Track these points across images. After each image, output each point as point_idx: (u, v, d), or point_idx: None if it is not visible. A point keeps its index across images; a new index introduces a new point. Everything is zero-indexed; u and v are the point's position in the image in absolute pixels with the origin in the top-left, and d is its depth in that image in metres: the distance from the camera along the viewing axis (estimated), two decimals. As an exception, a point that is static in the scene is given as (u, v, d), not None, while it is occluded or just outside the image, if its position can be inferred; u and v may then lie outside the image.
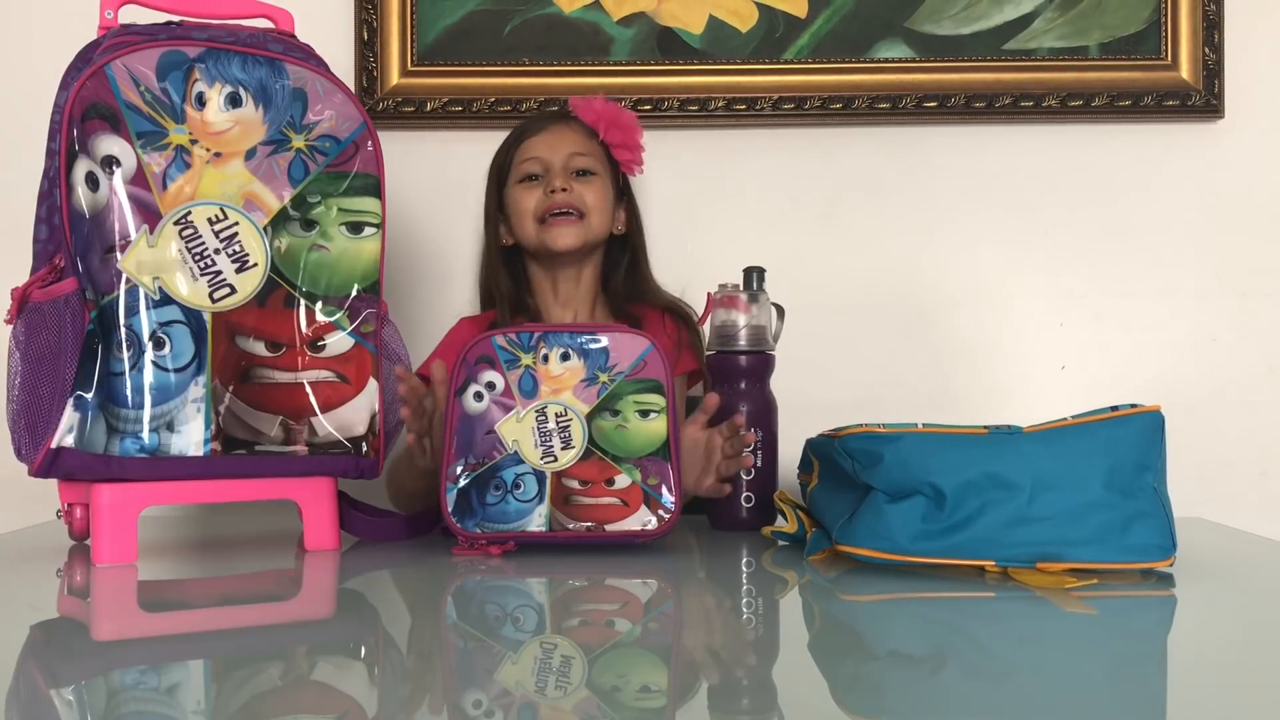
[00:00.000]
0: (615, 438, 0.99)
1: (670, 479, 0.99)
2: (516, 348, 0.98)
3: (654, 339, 1.00)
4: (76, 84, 0.89)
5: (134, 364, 0.91)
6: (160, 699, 0.58)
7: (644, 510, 0.98)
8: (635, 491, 0.98)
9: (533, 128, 1.35)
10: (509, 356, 0.98)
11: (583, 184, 1.32)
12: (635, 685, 0.59)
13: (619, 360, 0.99)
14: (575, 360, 0.98)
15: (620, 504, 0.98)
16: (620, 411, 0.99)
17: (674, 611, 0.81)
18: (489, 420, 0.97)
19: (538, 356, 0.98)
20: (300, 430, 0.97)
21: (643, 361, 0.99)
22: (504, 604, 0.81)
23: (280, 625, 0.77)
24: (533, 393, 0.98)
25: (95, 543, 0.91)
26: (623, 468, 0.98)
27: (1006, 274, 1.59)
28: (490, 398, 0.97)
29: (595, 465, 0.98)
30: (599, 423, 0.98)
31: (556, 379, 0.98)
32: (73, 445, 0.88)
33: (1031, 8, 1.56)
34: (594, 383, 0.98)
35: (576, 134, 1.34)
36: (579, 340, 0.98)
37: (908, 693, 0.59)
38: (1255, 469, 1.58)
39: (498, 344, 0.98)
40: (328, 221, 0.97)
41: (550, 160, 1.32)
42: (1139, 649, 0.70)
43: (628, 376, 0.99)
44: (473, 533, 0.96)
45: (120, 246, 0.91)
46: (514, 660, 0.64)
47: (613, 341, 0.99)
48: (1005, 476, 0.84)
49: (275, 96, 0.95)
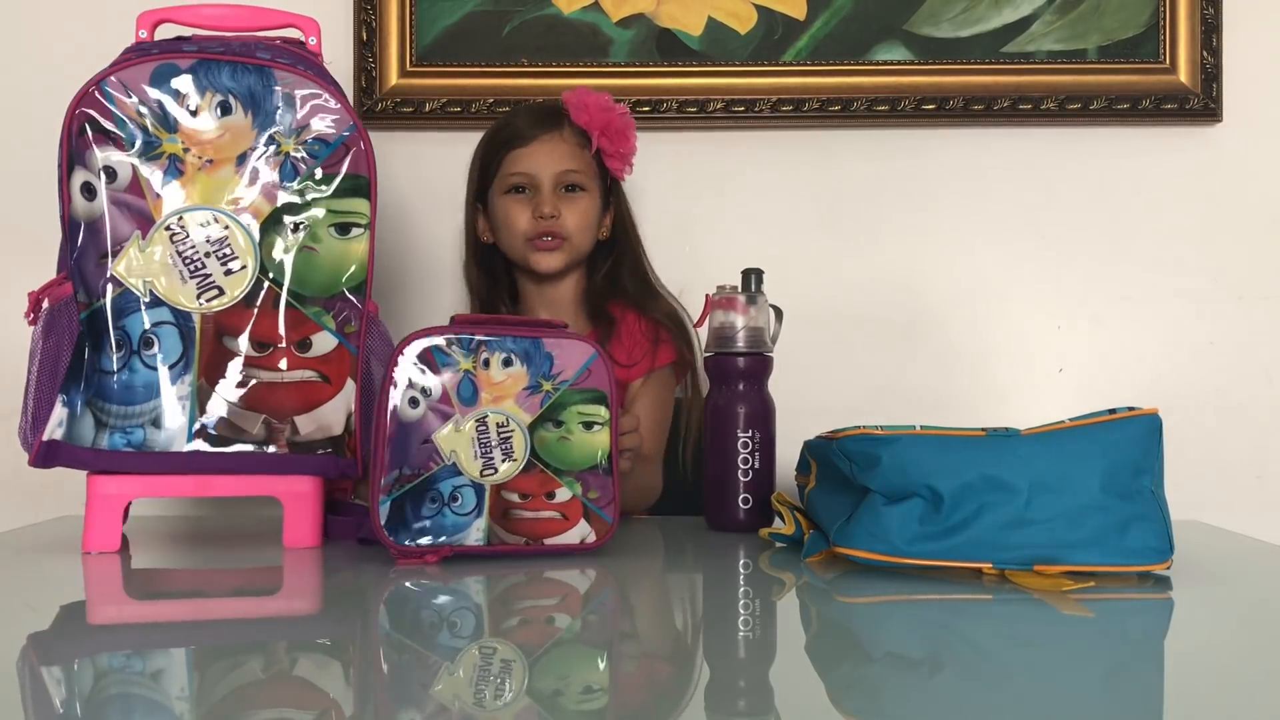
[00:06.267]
0: (558, 450, 0.94)
1: (610, 493, 0.96)
2: (456, 350, 0.92)
3: (598, 347, 0.96)
4: (74, 100, 0.95)
5: (124, 363, 0.96)
6: (145, 683, 0.59)
7: (583, 524, 0.95)
8: (575, 505, 0.95)
9: (524, 135, 1.34)
10: (447, 359, 0.91)
11: (570, 203, 1.33)
12: (577, 687, 0.59)
13: (563, 368, 0.94)
14: (518, 366, 0.93)
15: (560, 518, 0.94)
16: (564, 422, 0.94)
17: (673, 612, 0.81)
18: (425, 429, 0.91)
19: (478, 360, 0.92)
20: (282, 429, 0.98)
21: (587, 370, 0.95)
22: (441, 610, 0.81)
23: (266, 620, 0.77)
24: (472, 400, 0.92)
25: (85, 531, 0.97)
26: (564, 481, 0.94)
27: (1005, 276, 1.59)
28: (426, 404, 0.91)
29: (536, 478, 0.93)
30: (541, 433, 0.93)
31: (498, 385, 0.92)
32: (61, 439, 0.94)
33: (1030, 10, 1.56)
34: (537, 391, 0.93)
35: (568, 146, 1.34)
36: (523, 344, 0.93)
37: (905, 695, 0.59)
38: (1252, 472, 1.58)
39: (436, 346, 0.91)
40: (316, 223, 0.99)
41: (539, 177, 1.32)
42: (1136, 651, 0.70)
43: (572, 386, 0.94)
44: (406, 546, 0.90)
45: (113, 252, 0.96)
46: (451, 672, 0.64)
47: (556, 348, 0.94)
48: (1003, 479, 0.84)
49: (264, 102, 0.97)
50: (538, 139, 1.33)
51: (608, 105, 1.34)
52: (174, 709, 0.55)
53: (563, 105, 1.35)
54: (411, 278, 1.58)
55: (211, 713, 0.55)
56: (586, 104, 1.34)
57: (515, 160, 1.33)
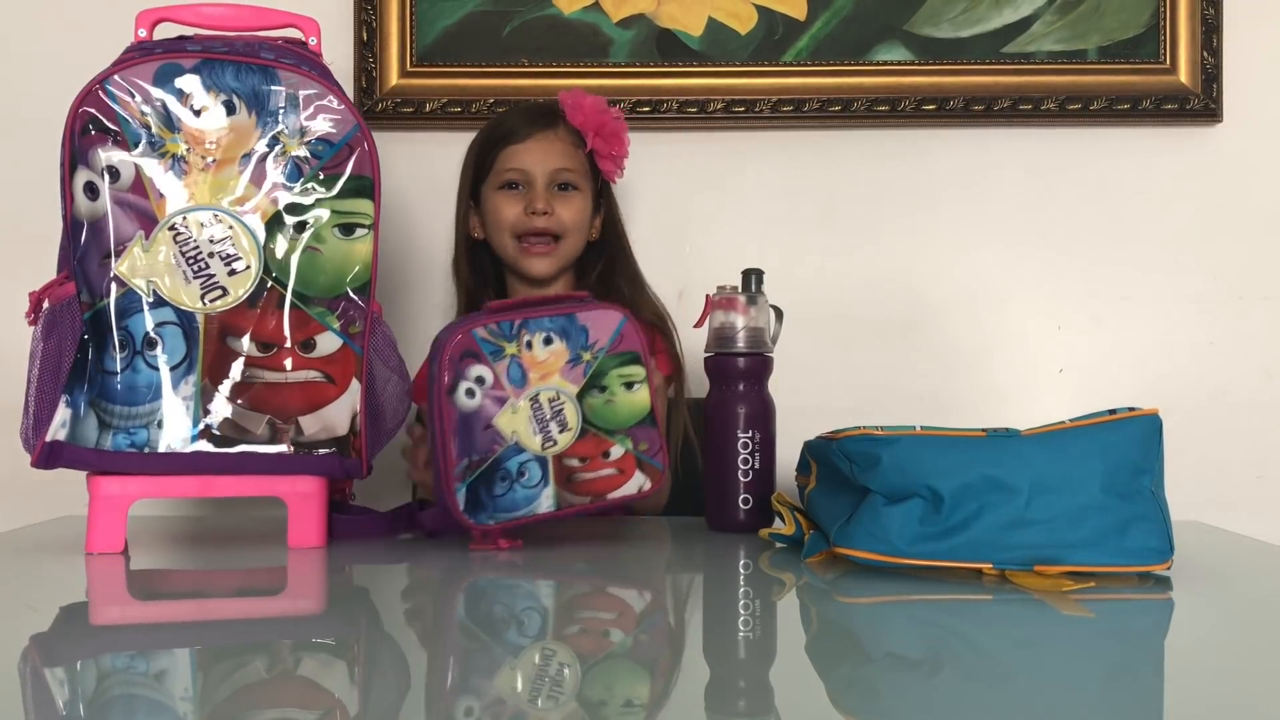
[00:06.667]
0: (605, 412, 1.01)
1: (658, 442, 1.03)
2: (499, 338, 0.98)
3: (625, 312, 1.03)
4: (76, 99, 0.94)
5: (127, 363, 0.96)
6: (149, 684, 0.59)
7: (638, 475, 1.02)
8: (629, 459, 1.02)
9: (519, 132, 1.34)
10: (493, 348, 0.97)
11: (563, 201, 1.33)
12: (619, 699, 0.59)
13: (598, 337, 1.01)
14: (558, 343, 0.99)
15: (618, 473, 1.02)
16: (607, 387, 1.01)
17: (671, 613, 0.81)
18: (485, 415, 0.97)
19: (521, 344, 0.98)
20: (286, 430, 0.98)
21: (620, 335, 1.02)
22: (510, 605, 0.81)
23: (270, 620, 0.77)
24: (522, 382, 0.98)
25: (89, 532, 0.96)
26: (616, 439, 1.01)
27: (1005, 277, 1.60)
28: (482, 393, 0.97)
29: (591, 442, 1.01)
30: (589, 401, 1.00)
31: (543, 364, 0.99)
32: (65, 439, 0.94)
33: (1030, 11, 1.56)
34: (578, 362, 1.00)
35: (562, 144, 1.34)
36: (559, 322, 1.00)
37: (905, 695, 0.59)
38: (1253, 472, 1.58)
39: (479, 336, 0.97)
40: (321, 223, 0.99)
41: (533, 173, 1.33)
42: (1136, 652, 0.70)
43: (609, 352, 1.01)
44: (488, 525, 0.97)
45: (116, 252, 0.95)
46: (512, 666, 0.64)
47: (589, 319, 1.01)
48: (1003, 479, 0.84)
49: (268, 103, 0.97)
50: (533, 136, 1.34)
51: (603, 108, 1.35)
52: (177, 709, 0.55)
53: (558, 105, 1.35)
54: (413, 278, 1.58)
55: (215, 713, 0.55)
56: (582, 105, 1.34)
57: (510, 156, 1.34)
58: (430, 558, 0.99)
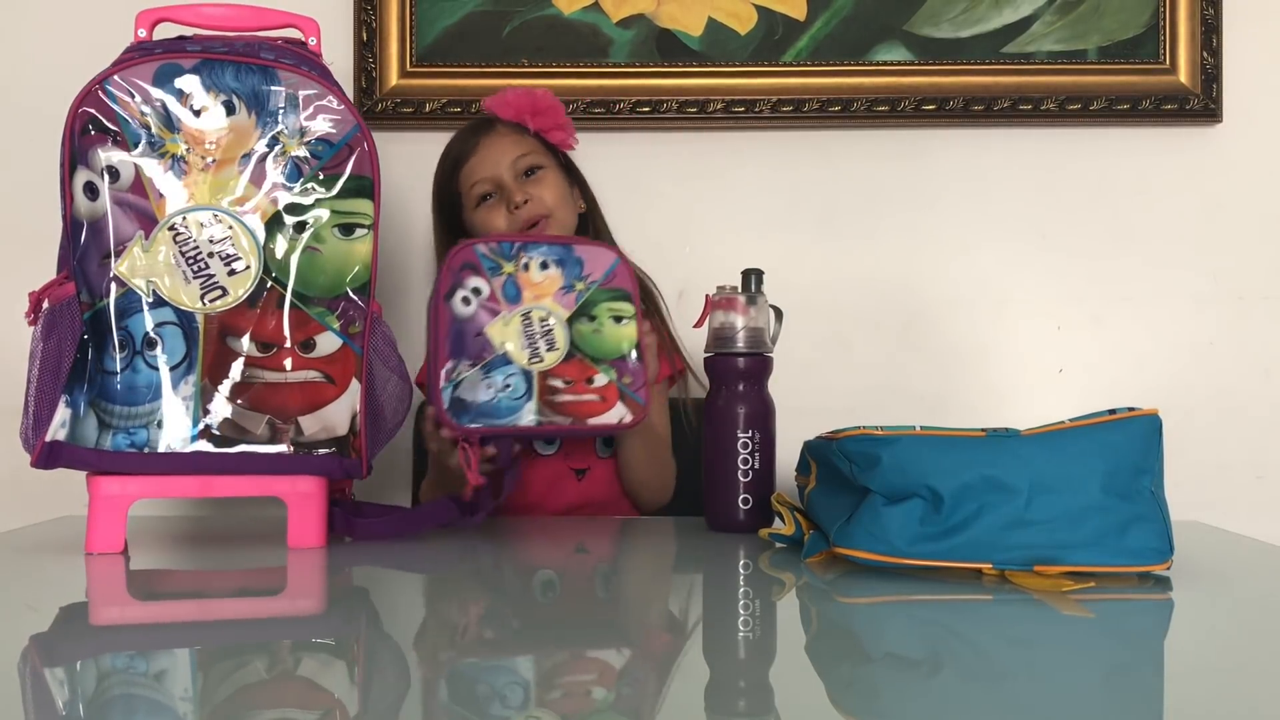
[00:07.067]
0: (593, 340, 1.07)
1: (641, 378, 1.08)
2: (499, 255, 1.04)
3: (619, 253, 1.09)
4: (76, 99, 0.95)
5: (127, 363, 0.96)
6: (148, 684, 0.59)
7: (620, 406, 1.07)
8: (612, 390, 1.07)
9: (466, 149, 1.35)
10: (491, 264, 1.04)
11: (536, 184, 1.34)
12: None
13: (592, 270, 1.07)
14: (554, 269, 1.06)
15: (600, 400, 1.07)
16: (596, 317, 1.07)
17: (673, 613, 0.81)
18: (478, 323, 1.04)
19: (519, 264, 1.05)
20: (286, 430, 0.98)
21: (613, 273, 1.08)
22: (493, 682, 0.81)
23: (270, 620, 0.77)
24: (516, 298, 1.05)
25: (89, 532, 0.96)
26: (600, 368, 1.07)
27: (1004, 277, 1.60)
28: (477, 302, 1.04)
29: (576, 365, 1.06)
30: (578, 326, 1.06)
31: (537, 285, 1.05)
32: (64, 439, 0.94)
33: (1030, 11, 1.56)
34: (571, 290, 1.06)
35: (509, 137, 1.35)
36: (556, 250, 1.06)
37: (904, 695, 0.59)
38: (1252, 472, 1.58)
39: (480, 251, 1.04)
40: (320, 224, 0.99)
41: (498, 175, 1.34)
42: (1136, 652, 0.70)
43: (601, 285, 1.07)
44: (470, 429, 1.02)
45: (116, 252, 0.96)
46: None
47: (585, 253, 1.08)
48: (1003, 479, 0.84)
49: (268, 103, 0.97)
50: (479, 144, 1.35)
51: (526, 91, 1.36)
52: (177, 709, 0.55)
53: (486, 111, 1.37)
54: (412, 278, 1.58)
55: (215, 713, 0.55)
56: (506, 100, 1.36)
57: (469, 174, 1.35)
58: (431, 557, 0.99)
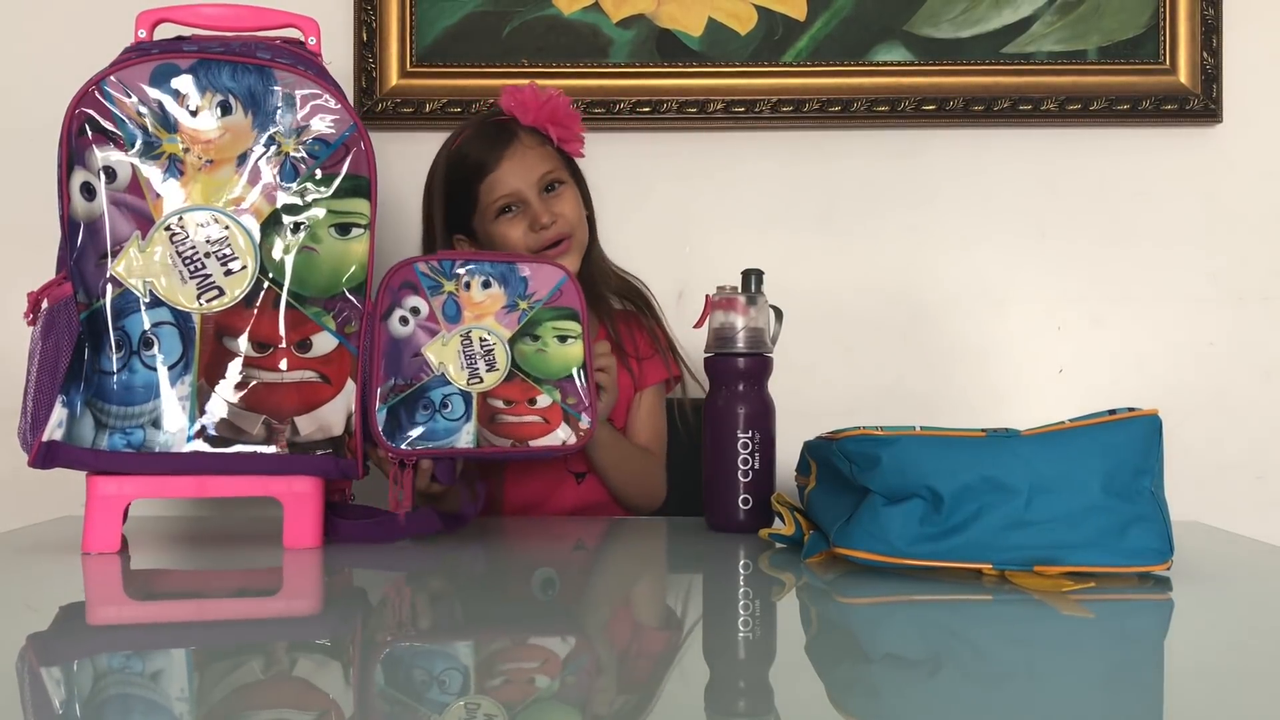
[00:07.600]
0: (536, 360, 1.05)
1: (586, 400, 1.06)
2: (439, 274, 1.03)
3: (567, 270, 1.06)
4: (73, 100, 0.94)
5: (124, 363, 0.96)
6: (145, 684, 0.59)
7: (564, 427, 1.05)
8: (555, 410, 1.05)
9: (489, 161, 1.31)
10: (432, 283, 1.02)
11: (558, 200, 1.33)
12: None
13: (537, 289, 1.05)
14: (496, 288, 1.04)
15: (542, 421, 1.05)
16: (540, 336, 1.05)
17: (673, 613, 0.81)
18: (415, 344, 1.02)
19: (459, 283, 1.03)
20: (282, 430, 0.98)
21: (559, 291, 1.05)
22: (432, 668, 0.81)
23: (266, 620, 0.77)
24: (456, 318, 1.03)
25: (85, 532, 0.96)
26: (543, 388, 1.05)
27: (1004, 277, 1.60)
28: (415, 322, 1.02)
29: (518, 386, 1.04)
30: (520, 346, 1.04)
31: (478, 305, 1.03)
32: (61, 439, 0.94)
33: (1030, 11, 1.56)
34: (514, 309, 1.04)
35: (535, 150, 1.32)
36: (499, 269, 1.04)
37: (904, 695, 0.59)
38: (1252, 473, 1.58)
39: (420, 270, 1.02)
40: (317, 223, 0.99)
41: (523, 191, 1.31)
42: (1136, 652, 0.70)
43: (545, 304, 1.05)
44: (403, 450, 1.01)
45: (113, 252, 0.96)
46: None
47: (530, 271, 1.05)
48: (1003, 480, 0.84)
49: (264, 103, 0.97)
50: (504, 158, 1.31)
51: (546, 96, 1.32)
52: (174, 709, 0.55)
53: (504, 113, 1.33)
54: (411, 278, 1.58)
55: (211, 713, 0.55)
56: (526, 104, 1.32)
57: (492, 186, 1.31)
58: (430, 556, 0.99)
